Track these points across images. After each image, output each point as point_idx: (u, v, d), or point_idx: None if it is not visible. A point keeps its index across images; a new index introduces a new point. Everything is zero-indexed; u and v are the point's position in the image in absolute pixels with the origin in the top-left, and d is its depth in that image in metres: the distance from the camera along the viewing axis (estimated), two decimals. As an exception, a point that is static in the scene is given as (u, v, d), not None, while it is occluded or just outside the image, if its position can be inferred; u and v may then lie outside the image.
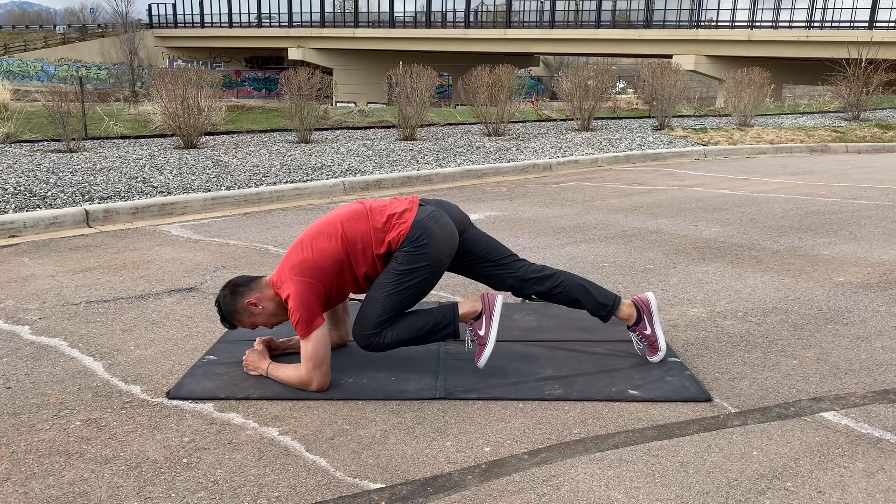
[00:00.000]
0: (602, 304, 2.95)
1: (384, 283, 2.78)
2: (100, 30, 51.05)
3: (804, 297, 3.87)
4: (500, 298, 2.86)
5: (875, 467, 2.22)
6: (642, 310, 2.96)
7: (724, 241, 5.12)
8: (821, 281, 4.17)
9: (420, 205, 2.87)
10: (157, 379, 2.84)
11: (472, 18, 36.55)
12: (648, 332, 2.94)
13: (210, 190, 6.73)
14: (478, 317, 2.83)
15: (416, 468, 2.22)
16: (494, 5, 36.82)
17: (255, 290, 2.81)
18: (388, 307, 2.77)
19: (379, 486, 2.13)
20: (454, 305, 2.85)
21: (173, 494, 2.08)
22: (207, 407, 2.61)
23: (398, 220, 2.79)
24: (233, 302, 2.80)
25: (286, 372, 2.75)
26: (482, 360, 2.80)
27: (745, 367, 2.96)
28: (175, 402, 2.64)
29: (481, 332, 2.81)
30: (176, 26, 45.35)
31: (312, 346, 2.66)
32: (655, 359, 2.95)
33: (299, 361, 2.72)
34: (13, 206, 5.85)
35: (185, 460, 2.26)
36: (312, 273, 2.72)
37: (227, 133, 11.67)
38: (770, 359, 3.05)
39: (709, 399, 2.66)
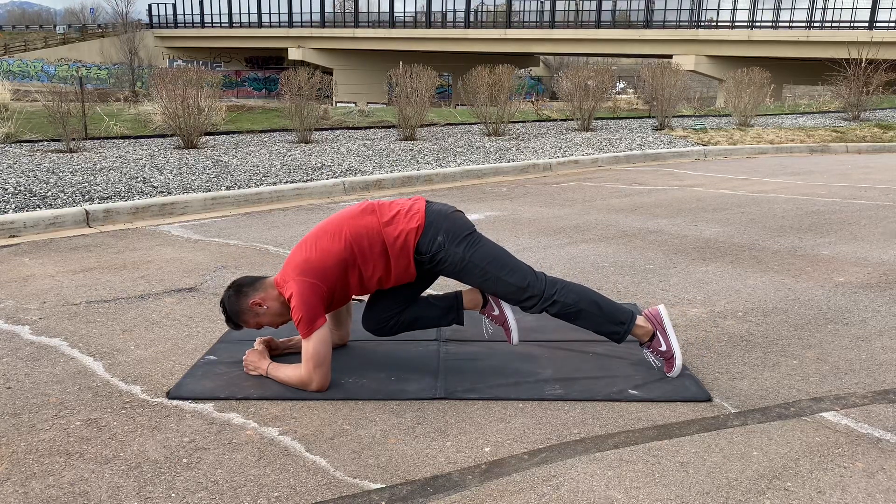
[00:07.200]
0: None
1: (479, 273, 2.78)
2: (100, 30, 51.06)
3: (804, 297, 3.87)
4: (663, 307, 2.87)
5: (875, 467, 2.22)
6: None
7: (724, 241, 5.12)
8: (821, 281, 4.17)
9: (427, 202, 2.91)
10: (157, 379, 2.84)
11: (472, 18, 36.55)
12: (664, 347, 2.83)
13: (210, 190, 6.74)
14: (652, 337, 2.83)
15: (416, 468, 2.22)
16: (494, 5, 36.82)
17: (259, 290, 2.81)
18: (506, 268, 2.78)
19: (379, 486, 2.13)
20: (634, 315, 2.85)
21: (173, 494, 2.08)
22: (207, 407, 2.61)
23: (409, 212, 2.81)
24: (238, 302, 2.81)
25: (286, 372, 2.75)
26: (675, 372, 2.81)
27: (745, 367, 2.96)
28: (175, 402, 2.64)
29: (662, 349, 2.81)
30: (176, 26, 45.35)
31: (314, 345, 2.66)
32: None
33: (299, 361, 2.72)
34: (13, 206, 5.86)
35: (185, 460, 2.26)
36: (316, 273, 2.71)
37: (227, 133, 11.67)
38: (770, 359, 3.05)
39: (709, 399, 2.66)
